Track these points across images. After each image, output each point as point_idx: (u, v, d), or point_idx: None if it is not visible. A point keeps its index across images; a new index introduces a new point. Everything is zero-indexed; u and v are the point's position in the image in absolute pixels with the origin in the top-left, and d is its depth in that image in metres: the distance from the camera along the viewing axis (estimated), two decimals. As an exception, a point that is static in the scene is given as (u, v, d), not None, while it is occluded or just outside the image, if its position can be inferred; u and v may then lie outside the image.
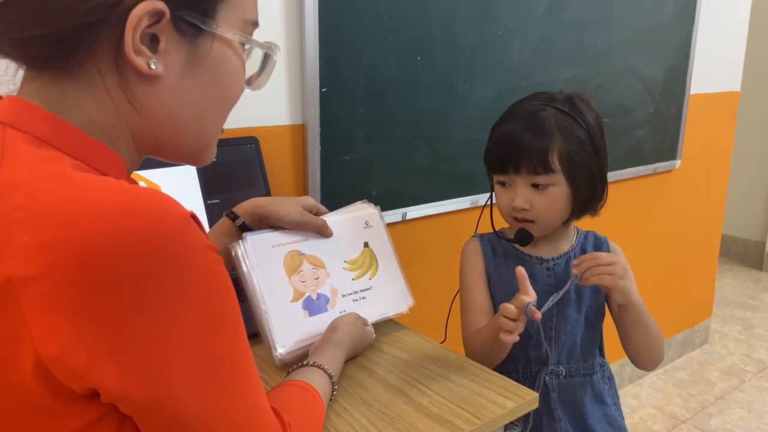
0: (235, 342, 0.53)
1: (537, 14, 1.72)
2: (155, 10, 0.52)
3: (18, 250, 0.44)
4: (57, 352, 0.44)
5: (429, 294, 1.32)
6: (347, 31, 1.37)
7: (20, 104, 0.53)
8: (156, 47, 0.54)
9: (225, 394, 0.51)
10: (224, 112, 0.63)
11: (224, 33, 0.57)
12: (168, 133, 0.59)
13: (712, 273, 2.78)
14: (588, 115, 1.05)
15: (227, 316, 0.52)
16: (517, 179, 1.04)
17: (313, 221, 0.98)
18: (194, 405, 0.49)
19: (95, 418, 0.49)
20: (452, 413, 0.81)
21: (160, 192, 0.49)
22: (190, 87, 0.57)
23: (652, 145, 2.22)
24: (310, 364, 0.81)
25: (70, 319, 0.44)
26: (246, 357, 0.54)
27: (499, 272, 1.14)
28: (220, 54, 0.58)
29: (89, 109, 0.54)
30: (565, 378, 1.11)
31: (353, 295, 0.99)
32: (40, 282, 0.43)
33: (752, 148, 3.72)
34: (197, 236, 0.49)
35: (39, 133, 0.52)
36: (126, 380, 0.46)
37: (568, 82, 1.85)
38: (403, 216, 1.58)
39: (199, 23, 0.55)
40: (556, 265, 1.12)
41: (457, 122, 1.61)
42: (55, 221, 0.44)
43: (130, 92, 0.55)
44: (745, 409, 2.32)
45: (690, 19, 2.21)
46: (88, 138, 0.54)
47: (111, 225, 0.45)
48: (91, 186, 0.48)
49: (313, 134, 1.37)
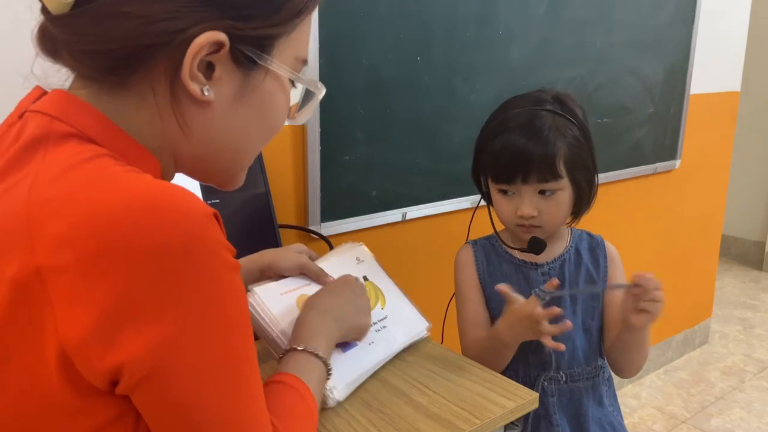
0: (243, 344, 0.53)
1: (537, 14, 1.72)
2: (217, 40, 0.53)
3: (48, 240, 0.45)
4: (79, 340, 0.45)
5: (429, 294, 1.32)
6: (347, 31, 1.37)
7: (69, 99, 0.55)
8: (211, 74, 0.56)
9: (226, 391, 0.51)
10: (264, 142, 0.65)
11: (277, 69, 0.59)
12: (208, 155, 0.61)
13: (712, 273, 2.78)
14: (578, 112, 1.06)
15: (238, 318, 0.52)
16: (524, 188, 1.03)
17: (313, 267, 0.97)
18: (194, 397, 0.49)
19: (112, 417, 0.49)
20: (452, 413, 0.81)
21: (186, 189, 0.50)
22: (237, 116, 0.59)
23: (652, 145, 2.22)
24: (301, 349, 0.77)
25: (93, 308, 0.45)
26: (251, 361, 0.54)
27: (494, 279, 1.12)
28: (270, 88, 0.60)
29: (137, 121, 0.56)
30: (566, 383, 1.10)
31: (374, 326, 0.96)
32: (67, 272, 0.45)
33: (752, 148, 3.72)
34: (217, 235, 0.50)
35: (84, 127, 0.53)
36: (136, 359, 0.46)
37: (568, 82, 1.85)
38: (403, 216, 1.58)
39: (255, 57, 0.57)
40: (551, 269, 1.12)
41: (457, 122, 1.61)
42: (85, 213, 0.46)
43: (179, 113, 0.57)
44: (745, 409, 2.32)
45: (690, 19, 2.21)
46: (130, 138, 0.56)
47: (136, 219, 0.46)
48: (121, 179, 0.49)
49: (313, 134, 1.37)
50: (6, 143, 0.54)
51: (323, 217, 1.43)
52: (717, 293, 3.18)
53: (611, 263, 1.14)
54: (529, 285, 1.11)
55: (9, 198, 0.49)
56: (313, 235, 1.39)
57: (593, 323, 1.12)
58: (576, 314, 1.11)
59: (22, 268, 0.46)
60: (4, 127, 0.57)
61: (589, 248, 1.15)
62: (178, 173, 0.64)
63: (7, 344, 0.47)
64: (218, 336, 0.50)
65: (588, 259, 1.14)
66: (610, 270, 1.14)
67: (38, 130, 0.52)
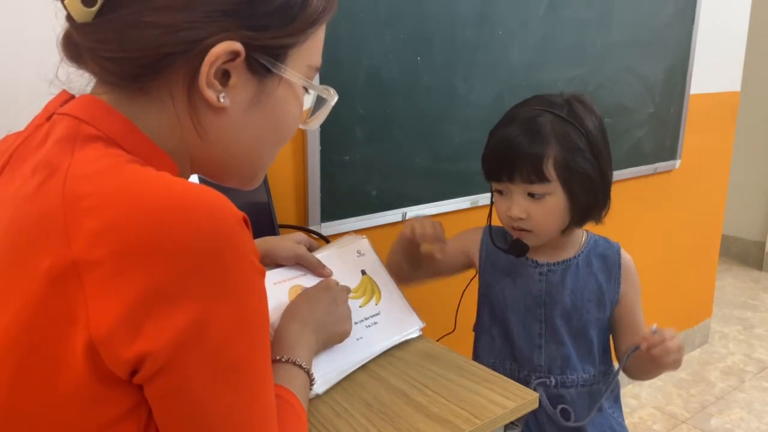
0: (262, 348, 0.54)
1: (537, 14, 1.72)
2: (233, 50, 0.55)
3: (84, 235, 0.47)
4: (108, 330, 0.47)
5: (429, 294, 1.32)
6: (347, 31, 1.37)
7: (97, 104, 0.57)
8: (226, 81, 0.57)
9: (239, 391, 0.52)
10: (279, 146, 0.67)
11: (291, 77, 0.61)
12: (224, 159, 0.63)
13: (712, 273, 2.78)
14: (587, 120, 1.01)
15: (260, 322, 0.54)
16: (512, 188, 1.02)
17: (310, 258, 0.98)
18: (207, 392, 0.50)
19: (127, 409, 0.50)
20: (452, 413, 0.81)
21: (218, 192, 0.52)
22: (252, 122, 0.61)
23: (652, 145, 2.22)
24: (284, 360, 0.77)
25: (123, 299, 0.46)
26: (266, 366, 0.55)
27: (494, 267, 1.14)
28: (284, 95, 0.62)
29: (156, 125, 0.58)
30: (556, 388, 1.09)
31: (365, 322, 0.97)
32: (102, 266, 0.47)
33: (752, 148, 3.72)
34: (247, 239, 0.52)
35: (110, 132, 0.55)
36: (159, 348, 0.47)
37: (568, 82, 1.85)
38: (403, 216, 1.58)
39: (270, 66, 0.59)
40: (551, 271, 1.10)
41: (457, 122, 1.61)
42: (119, 210, 0.48)
43: (196, 119, 0.58)
44: (745, 409, 2.32)
45: (690, 19, 2.21)
46: (153, 144, 0.58)
47: (169, 217, 0.48)
48: (152, 179, 0.51)
49: (313, 134, 1.37)
50: (34, 143, 0.56)
51: (323, 217, 1.43)
52: (717, 293, 3.18)
53: (625, 277, 1.11)
54: (524, 282, 1.11)
55: (43, 194, 0.50)
56: (313, 235, 1.39)
57: (594, 333, 1.10)
58: (571, 323, 1.09)
59: (58, 260, 0.47)
60: (30, 128, 0.59)
61: (602, 256, 1.11)
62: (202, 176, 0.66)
63: (38, 334, 0.48)
64: (239, 336, 0.51)
65: (599, 267, 1.10)
66: (623, 285, 1.10)
67: (67, 131, 0.54)
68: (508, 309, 1.12)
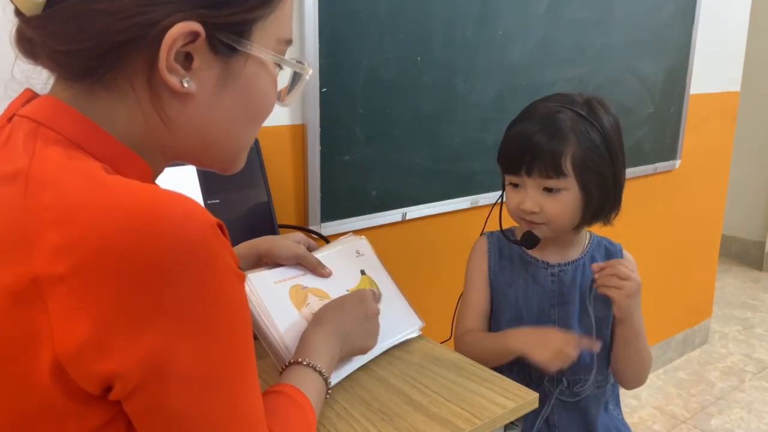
0: (243, 355, 0.53)
1: (537, 14, 1.72)
2: (191, 30, 0.52)
3: (46, 249, 0.45)
4: (75, 349, 0.45)
5: (429, 294, 1.32)
6: (347, 31, 1.37)
7: (55, 105, 0.54)
8: (189, 65, 0.54)
9: (222, 403, 0.51)
10: (255, 127, 0.64)
11: (258, 53, 0.58)
12: (198, 145, 0.60)
13: (712, 273, 2.77)
14: (605, 119, 1.03)
15: (238, 328, 0.52)
16: (528, 181, 1.03)
17: (310, 257, 0.97)
18: (189, 407, 0.49)
19: (104, 422, 0.49)
20: (452, 413, 0.81)
21: (188, 197, 0.49)
22: (221, 104, 0.58)
23: (652, 145, 2.22)
24: (305, 363, 0.78)
25: (89, 317, 0.44)
26: (250, 372, 0.54)
27: (504, 273, 1.13)
28: (253, 72, 0.59)
29: (119, 120, 0.55)
30: (568, 388, 1.10)
31: None
32: (65, 282, 0.44)
33: (752, 148, 3.72)
34: (222, 245, 0.50)
35: (71, 134, 0.53)
36: (131, 367, 0.46)
37: (568, 82, 1.85)
38: (403, 216, 1.58)
39: (234, 44, 0.56)
40: (562, 272, 1.10)
41: (457, 122, 1.61)
42: (83, 222, 0.45)
43: (161, 108, 0.55)
44: (745, 409, 2.32)
45: (690, 19, 2.21)
46: (118, 144, 0.55)
47: (136, 227, 0.45)
48: (118, 188, 0.48)
49: (313, 134, 1.37)
50: None
51: (323, 217, 1.43)
52: (717, 293, 3.18)
53: None
54: (536, 283, 1.11)
55: (1, 204, 0.48)
56: (313, 235, 1.39)
57: (606, 332, 1.11)
58: (583, 323, 1.09)
59: (18, 276, 0.45)
60: None
61: (605, 257, 1.13)
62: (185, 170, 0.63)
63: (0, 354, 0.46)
64: (217, 346, 0.50)
65: None
66: None
67: (25, 135, 0.52)
68: (521, 311, 1.12)
